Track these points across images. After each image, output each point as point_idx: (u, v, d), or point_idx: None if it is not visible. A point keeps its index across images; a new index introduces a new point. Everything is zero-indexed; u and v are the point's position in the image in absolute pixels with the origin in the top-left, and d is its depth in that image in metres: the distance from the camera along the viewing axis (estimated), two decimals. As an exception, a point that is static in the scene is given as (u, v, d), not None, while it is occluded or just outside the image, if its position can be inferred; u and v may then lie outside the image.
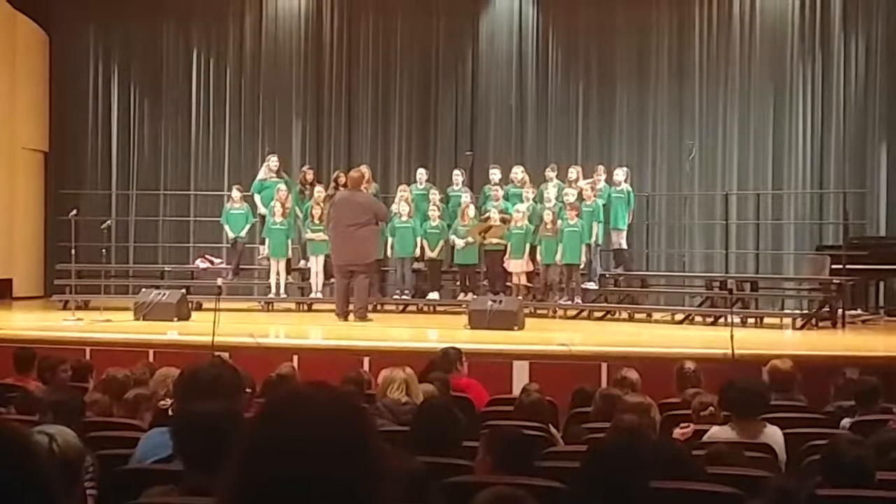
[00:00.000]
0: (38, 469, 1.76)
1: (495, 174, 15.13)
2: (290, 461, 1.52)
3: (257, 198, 15.60)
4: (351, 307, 13.23)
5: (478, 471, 4.43)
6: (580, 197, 14.32)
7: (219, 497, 1.58)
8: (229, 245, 15.91)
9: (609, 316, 14.45)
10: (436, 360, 8.11)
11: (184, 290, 14.29)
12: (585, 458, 3.90)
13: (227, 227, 15.71)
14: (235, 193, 15.71)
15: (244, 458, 1.56)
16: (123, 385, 6.63)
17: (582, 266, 14.17)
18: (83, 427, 5.39)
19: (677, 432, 5.78)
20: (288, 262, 15.27)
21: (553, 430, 6.24)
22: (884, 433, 5.12)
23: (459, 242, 14.69)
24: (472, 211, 14.69)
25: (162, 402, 5.63)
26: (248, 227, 15.60)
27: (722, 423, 5.86)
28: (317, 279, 14.93)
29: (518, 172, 15.15)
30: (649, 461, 3.80)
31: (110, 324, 12.62)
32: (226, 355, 8.73)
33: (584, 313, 14.36)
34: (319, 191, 15.07)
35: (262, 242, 15.49)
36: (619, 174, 14.85)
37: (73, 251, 14.29)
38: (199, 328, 11.34)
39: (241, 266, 15.78)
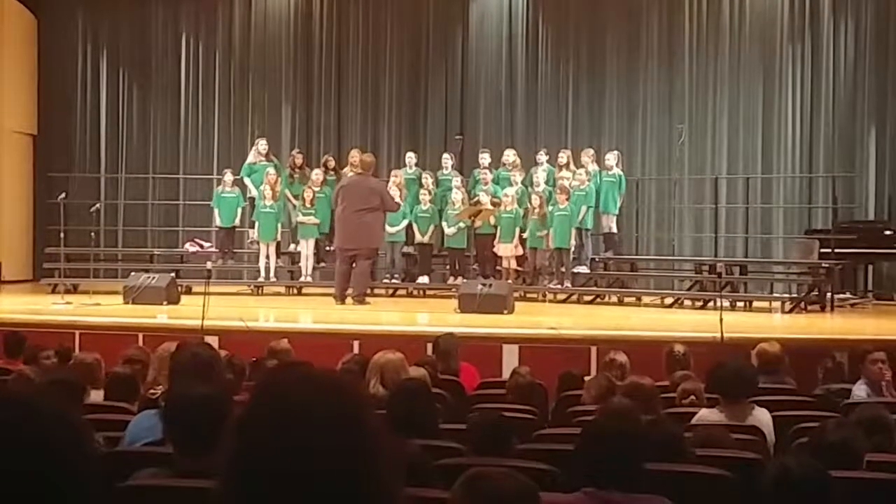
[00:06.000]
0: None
1: (485, 158, 15.11)
2: (287, 438, 1.51)
3: (247, 181, 15.54)
4: (349, 291, 13.20)
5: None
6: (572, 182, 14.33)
7: (218, 479, 1.58)
8: (218, 230, 15.75)
9: (598, 300, 14.45)
10: (439, 350, 8.12)
11: (173, 274, 14.26)
12: (579, 440, 3.90)
13: (216, 212, 15.60)
14: (228, 177, 15.63)
15: (241, 435, 1.56)
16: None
17: (573, 250, 14.18)
18: (83, 410, 5.39)
19: None
20: (277, 245, 15.25)
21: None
22: (868, 410, 5.12)
23: (450, 230, 14.67)
24: (459, 196, 14.63)
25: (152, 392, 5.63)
26: (238, 213, 15.53)
27: (710, 406, 5.89)
28: (307, 263, 14.91)
29: (510, 155, 15.09)
30: (642, 443, 3.81)
31: (99, 307, 12.59)
32: (215, 339, 8.76)
33: (574, 297, 14.36)
34: (317, 174, 15.04)
35: (252, 226, 15.46)
36: (611, 158, 14.83)
37: (62, 235, 14.25)
38: (188, 312, 11.32)
39: (227, 251, 15.66)
